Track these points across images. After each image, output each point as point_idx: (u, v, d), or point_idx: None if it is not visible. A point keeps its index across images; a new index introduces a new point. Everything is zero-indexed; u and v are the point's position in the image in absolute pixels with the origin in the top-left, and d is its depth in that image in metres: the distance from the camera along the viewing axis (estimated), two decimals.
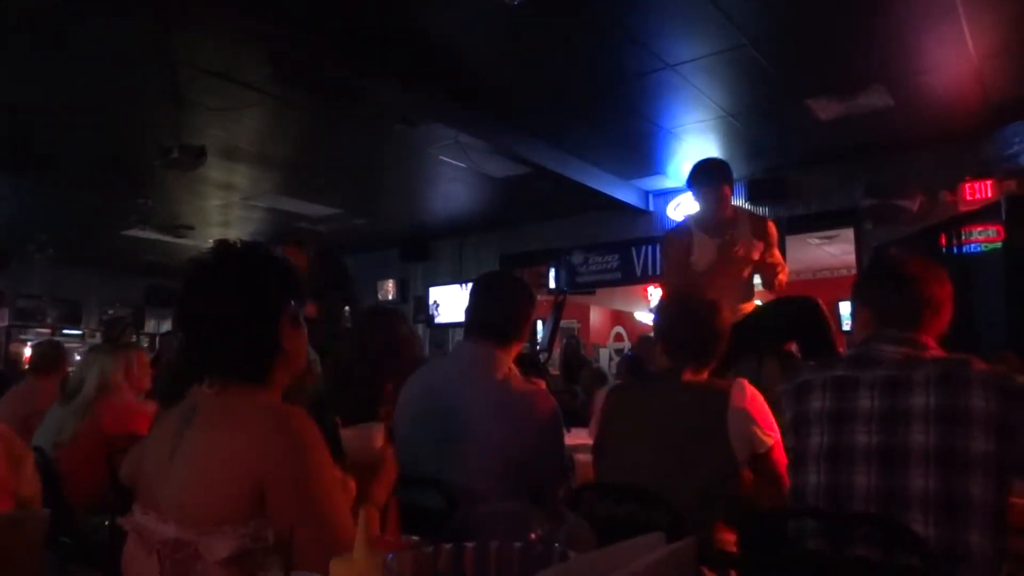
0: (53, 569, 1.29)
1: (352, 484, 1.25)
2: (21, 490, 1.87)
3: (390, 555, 0.51)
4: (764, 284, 3.19)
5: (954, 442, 1.29)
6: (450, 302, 8.34)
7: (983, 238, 4.41)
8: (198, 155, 4.84)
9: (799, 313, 2.82)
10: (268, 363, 1.18)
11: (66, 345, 8.45)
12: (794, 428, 1.53)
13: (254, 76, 4.16)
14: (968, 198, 4.97)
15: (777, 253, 3.19)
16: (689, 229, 3.17)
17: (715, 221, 3.08)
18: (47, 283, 9.36)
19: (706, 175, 3.09)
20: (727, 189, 3.08)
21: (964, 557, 1.24)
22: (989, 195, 4.85)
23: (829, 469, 1.42)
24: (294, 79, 4.19)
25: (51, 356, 3.75)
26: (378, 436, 1.36)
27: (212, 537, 1.02)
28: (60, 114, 4.75)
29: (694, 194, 3.14)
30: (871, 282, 1.64)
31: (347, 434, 1.35)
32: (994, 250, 4.35)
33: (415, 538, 0.76)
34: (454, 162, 5.71)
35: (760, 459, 1.78)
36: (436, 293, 8.54)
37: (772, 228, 3.20)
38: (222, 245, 1.22)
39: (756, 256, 3.06)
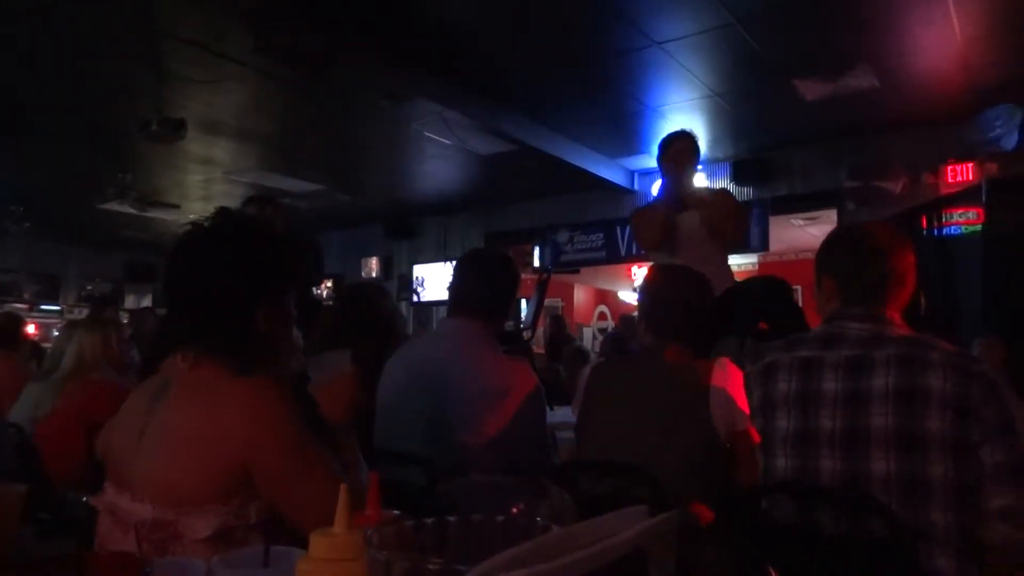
0: (31, 544, 1.27)
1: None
2: None
3: (370, 528, 0.50)
4: (717, 234, 3.16)
5: (911, 423, 1.28)
6: (435, 279, 8.31)
7: (963, 220, 4.46)
8: (177, 128, 4.75)
9: (764, 293, 2.84)
10: (244, 344, 1.14)
11: (45, 321, 8.32)
12: (761, 410, 1.52)
13: (236, 48, 4.07)
14: (950, 180, 5.01)
15: (731, 220, 3.13)
16: (655, 204, 3.27)
17: (677, 198, 3.15)
18: (24, 257, 9.20)
19: (672, 138, 3.17)
20: (687, 150, 3.15)
21: (929, 537, 1.24)
22: (970, 178, 4.89)
23: (796, 454, 1.41)
24: (276, 51, 4.10)
25: (7, 330, 3.66)
26: (347, 360, 1.34)
27: (192, 516, 1.00)
28: (37, 83, 4.64)
29: (661, 167, 3.19)
30: (837, 251, 1.57)
31: (318, 357, 1.34)
32: (974, 232, 4.40)
33: (396, 512, 0.76)
34: (439, 138, 5.66)
35: (738, 437, 1.80)
36: (421, 271, 8.50)
37: (728, 197, 3.21)
38: (225, 213, 1.19)
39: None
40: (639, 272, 8.11)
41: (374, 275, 8.87)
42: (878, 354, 1.36)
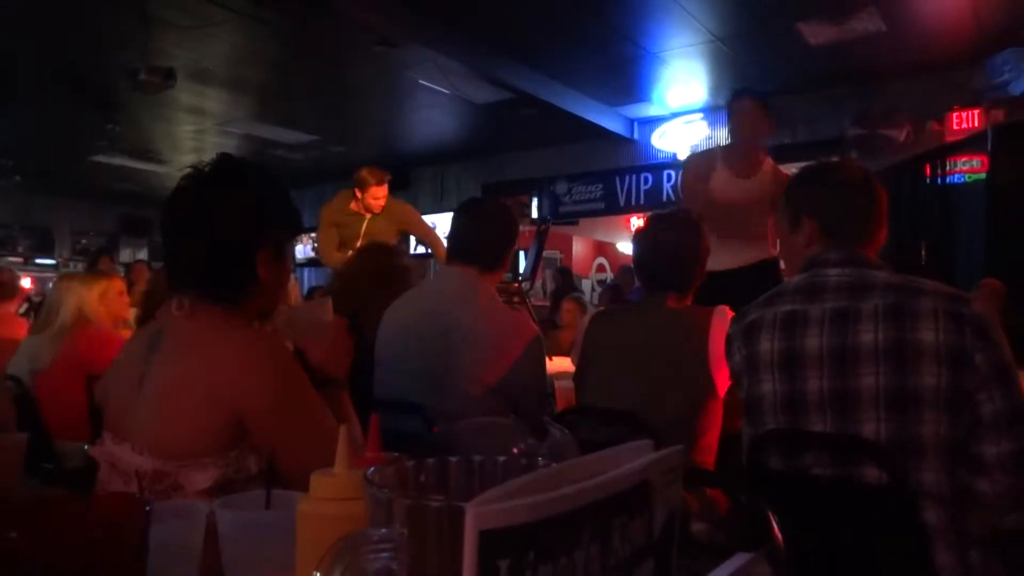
0: (33, 493, 1.28)
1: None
2: None
3: (371, 468, 0.49)
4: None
5: (903, 381, 1.23)
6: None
7: (967, 168, 4.40)
8: (166, 77, 4.63)
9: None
10: (240, 289, 1.13)
11: (40, 275, 8.29)
12: (746, 373, 1.45)
13: None
14: (955, 128, 4.93)
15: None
16: (713, 158, 3.10)
17: (742, 153, 3.01)
18: (16, 211, 9.10)
19: (742, 94, 3.03)
20: (761, 113, 2.96)
21: (921, 494, 1.22)
22: (976, 125, 4.81)
23: (785, 421, 1.36)
24: None
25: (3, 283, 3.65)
26: (327, 309, 1.32)
27: (191, 468, 1.00)
28: (20, 31, 4.50)
29: (730, 115, 3.05)
30: (820, 189, 1.48)
31: (297, 307, 1.31)
32: (977, 181, 4.35)
33: (396, 454, 0.75)
34: (434, 86, 5.54)
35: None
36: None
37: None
38: (224, 159, 1.17)
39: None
40: (638, 223, 8.05)
41: None
42: (864, 305, 1.29)
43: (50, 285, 5.23)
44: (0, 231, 9.10)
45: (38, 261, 9.11)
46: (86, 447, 1.19)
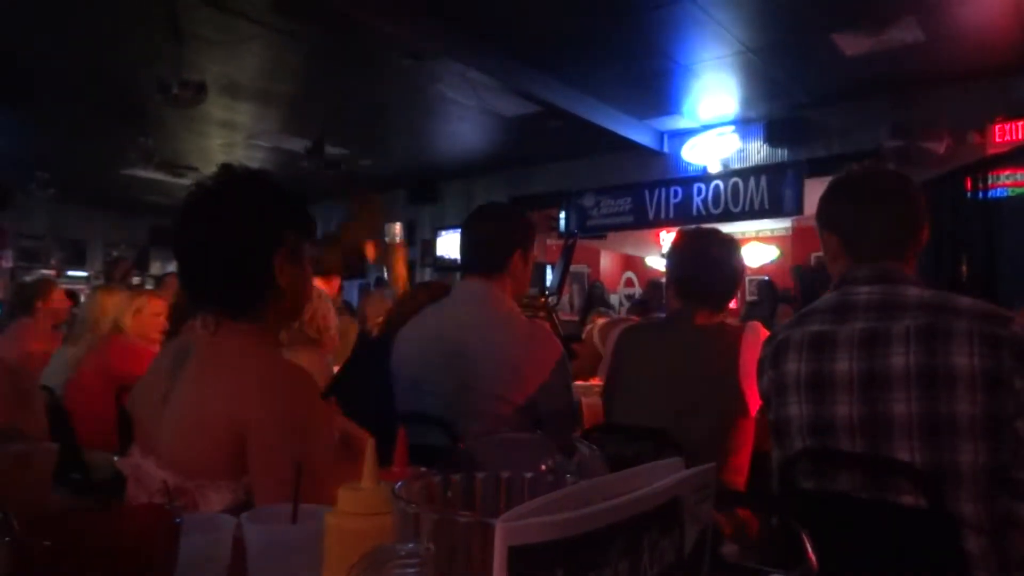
0: (63, 504, 1.29)
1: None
2: (29, 427, 1.87)
3: (399, 483, 0.49)
4: None
5: (937, 408, 1.18)
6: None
7: (1011, 182, 4.27)
8: (198, 91, 4.72)
9: None
10: (259, 300, 1.12)
11: (72, 287, 8.47)
12: (775, 395, 1.41)
13: (253, 6, 4.01)
14: (998, 140, 4.80)
15: None
16: None
17: None
18: (50, 223, 9.31)
19: None
20: None
21: (959, 522, 1.16)
22: (1021, 136, 4.68)
23: (813, 444, 1.32)
24: (295, 10, 4.03)
25: (31, 295, 3.70)
26: None
27: (207, 489, 1.01)
28: (56, 47, 4.63)
29: None
30: (837, 202, 1.42)
31: None
32: (1021, 195, 4.22)
33: (423, 469, 0.73)
34: (462, 100, 5.57)
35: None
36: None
37: None
38: (224, 169, 1.16)
39: None
40: (667, 237, 7.97)
41: (397, 241, 8.81)
42: (896, 327, 1.24)
43: (82, 298, 5.33)
44: (33, 243, 9.29)
45: (70, 273, 9.27)
46: (116, 458, 1.20)
